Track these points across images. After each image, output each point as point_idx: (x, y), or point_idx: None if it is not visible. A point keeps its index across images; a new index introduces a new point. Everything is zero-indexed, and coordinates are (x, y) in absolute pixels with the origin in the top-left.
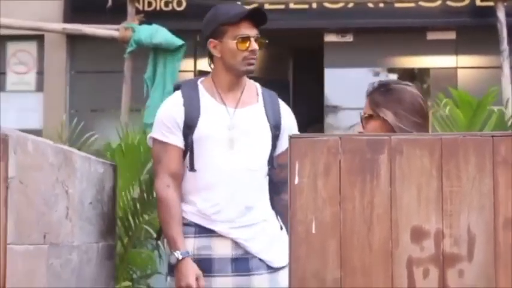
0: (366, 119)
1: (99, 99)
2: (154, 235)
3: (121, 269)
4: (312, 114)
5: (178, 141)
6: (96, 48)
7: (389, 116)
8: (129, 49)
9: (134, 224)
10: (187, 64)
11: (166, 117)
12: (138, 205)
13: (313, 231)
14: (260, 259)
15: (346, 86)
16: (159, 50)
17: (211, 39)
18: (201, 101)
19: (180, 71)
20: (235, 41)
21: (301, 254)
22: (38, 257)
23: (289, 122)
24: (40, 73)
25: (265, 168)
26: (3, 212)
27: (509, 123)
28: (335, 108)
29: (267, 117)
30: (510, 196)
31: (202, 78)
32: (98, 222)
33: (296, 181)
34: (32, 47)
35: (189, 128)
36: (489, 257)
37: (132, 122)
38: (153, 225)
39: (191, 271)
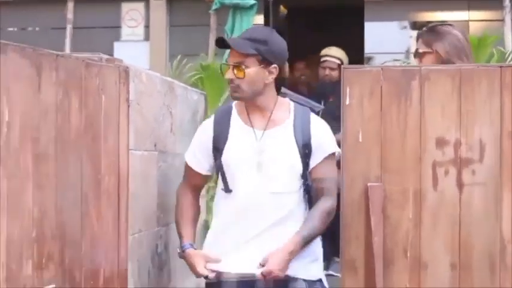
0: (422, 55)
1: (191, 47)
2: None
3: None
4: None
5: (202, 168)
6: (189, 6)
7: (442, 51)
8: (214, 7)
9: None
10: (259, 19)
11: (197, 142)
12: None
13: (360, 140)
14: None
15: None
16: (237, 8)
17: None
18: (231, 124)
19: (254, 24)
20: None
21: (351, 157)
22: (150, 160)
23: (319, 139)
24: (147, 26)
25: (294, 190)
26: (126, 124)
27: (508, 60)
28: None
29: (295, 137)
30: None
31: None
32: (192, 137)
33: (347, 102)
34: (140, 6)
35: (217, 151)
36: (495, 160)
37: (217, 61)
38: None
39: (196, 259)
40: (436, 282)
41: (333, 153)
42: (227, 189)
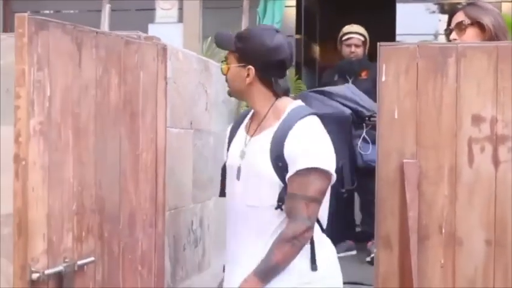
0: (465, 28)
1: (223, 28)
2: None
3: None
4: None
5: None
6: None
7: (490, 24)
8: None
9: None
10: (290, 1)
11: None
12: None
13: (396, 117)
14: None
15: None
16: None
17: None
18: (240, 127)
19: (286, 6)
20: None
21: (386, 134)
22: (186, 138)
23: (290, 152)
24: (180, 9)
25: (270, 205)
26: (163, 101)
27: None
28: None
29: (271, 147)
30: None
31: None
32: (226, 116)
33: (383, 79)
34: None
35: (228, 152)
36: None
37: None
38: None
39: None
40: (471, 259)
41: (308, 169)
42: (222, 193)
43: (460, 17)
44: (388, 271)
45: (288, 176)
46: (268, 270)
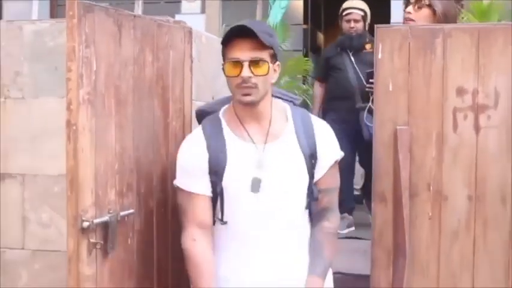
0: (421, 6)
1: (241, 18)
2: None
3: None
4: None
5: (204, 188)
6: None
7: (440, 11)
8: None
9: None
10: None
11: (188, 163)
12: None
13: (390, 89)
14: None
15: None
16: None
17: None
18: (227, 141)
19: None
20: (226, 65)
21: (382, 104)
22: None
23: (325, 146)
24: (203, 1)
25: (299, 207)
26: (189, 76)
27: None
28: None
29: (301, 147)
30: None
31: (224, 108)
32: None
33: (379, 56)
34: None
35: (216, 176)
36: (508, 106)
37: None
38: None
39: None
40: (455, 212)
41: (336, 161)
42: (222, 221)
43: None
44: (383, 223)
45: (321, 171)
46: (326, 268)
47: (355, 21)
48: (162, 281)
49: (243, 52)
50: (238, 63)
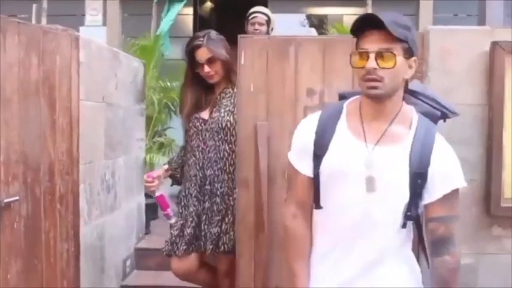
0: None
1: (137, 30)
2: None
3: (147, 125)
4: None
5: (308, 170)
6: None
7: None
8: None
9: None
10: (187, 10)
11: (299, 141)
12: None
13: (251, 90)
14: None
15: None
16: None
17: None
18: (337, 129)
19: (182, 14)
20: (352, 56)
21: (244, 104)
22: (100, 109)
23: (441, 170)
24: (104, 15)
25: (397, 222)
26: (76, 78)
27: None
28: None
29: (410, 160)
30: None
31: (353, 98)
32: (133, 94)
33: (242, 62)
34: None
35: (317, 158)
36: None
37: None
38: (169, 97)
39: None
40: None
41: (458, 188)
42: (318, 206)
43: None
44: (246, 206)
45: (433, 196)
46: None
47: (260, 24)
48: (51, 262)
49: (371, 43)
50: (364, 54)
